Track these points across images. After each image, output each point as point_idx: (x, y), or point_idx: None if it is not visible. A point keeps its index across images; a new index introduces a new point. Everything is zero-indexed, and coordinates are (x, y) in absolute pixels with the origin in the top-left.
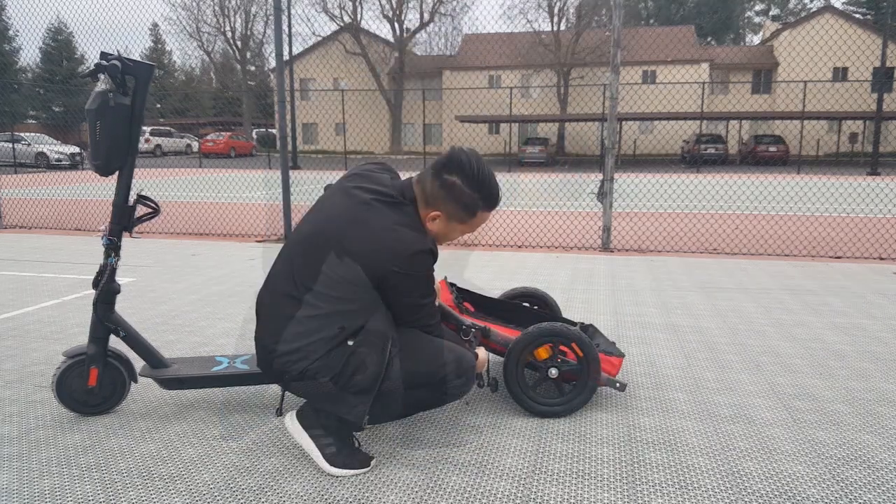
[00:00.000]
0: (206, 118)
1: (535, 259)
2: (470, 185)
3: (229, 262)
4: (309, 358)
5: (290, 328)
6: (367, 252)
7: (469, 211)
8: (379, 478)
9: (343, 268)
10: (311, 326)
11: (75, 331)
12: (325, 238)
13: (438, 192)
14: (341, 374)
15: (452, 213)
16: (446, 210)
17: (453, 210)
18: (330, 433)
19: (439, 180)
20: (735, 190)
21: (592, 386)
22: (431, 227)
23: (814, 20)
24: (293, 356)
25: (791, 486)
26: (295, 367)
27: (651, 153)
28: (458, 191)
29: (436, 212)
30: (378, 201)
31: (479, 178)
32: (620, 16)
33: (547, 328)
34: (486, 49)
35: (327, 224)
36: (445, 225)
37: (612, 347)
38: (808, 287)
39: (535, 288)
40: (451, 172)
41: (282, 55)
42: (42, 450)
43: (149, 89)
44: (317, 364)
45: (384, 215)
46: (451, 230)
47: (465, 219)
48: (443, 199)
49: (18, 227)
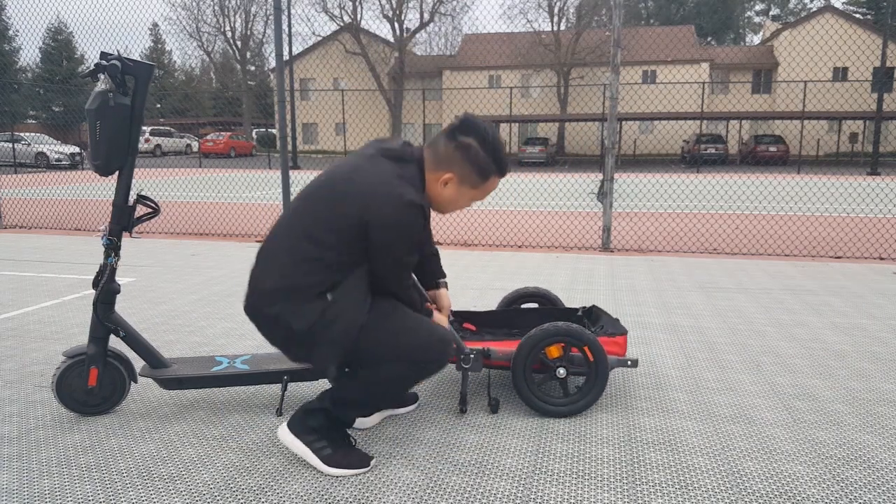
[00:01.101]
0: (206, 118)
1: (535, 259)
2: (485, 148)
3: (229, 262)
4: (289, 300)
5: (281, 266)
6: (360, 195)
7: (482, 174)
8: (379, 478)
9: (337, 214)
10: (300, 269)
11: (75, 331)
12: (329, 185)
13: (453, 154)
14: (316, 324)
15: (465, 175)
16: (460, 172)
17: (467, 172)
18: (322, 435)
19: (454, 142)
20: (735, 190)
21: (599, 390)
22: (442, 191)
23: (814, 20)
24: (276, 296)
25: (791, 486)
26: (274, 308)
27: (651, 153)
28: (473, 152)
29: (448, 174)
30: (382, 155)
31: (493, 144)
32: (620, 16)
33: (563, 327)
34: (486, 49)
35: (332, 174)
36: (456, 189)
37: (615, 326)
38: (808, 287)
39: (537, 287)
40: (467, 135)
41: (282, 55)
42: (42, 450)
43: (149, 89)
44: (294, 309)
45: (384, 167)
46: (461, 195)
47: (476, 183)
48: (458, 160)
49: (18, 227)
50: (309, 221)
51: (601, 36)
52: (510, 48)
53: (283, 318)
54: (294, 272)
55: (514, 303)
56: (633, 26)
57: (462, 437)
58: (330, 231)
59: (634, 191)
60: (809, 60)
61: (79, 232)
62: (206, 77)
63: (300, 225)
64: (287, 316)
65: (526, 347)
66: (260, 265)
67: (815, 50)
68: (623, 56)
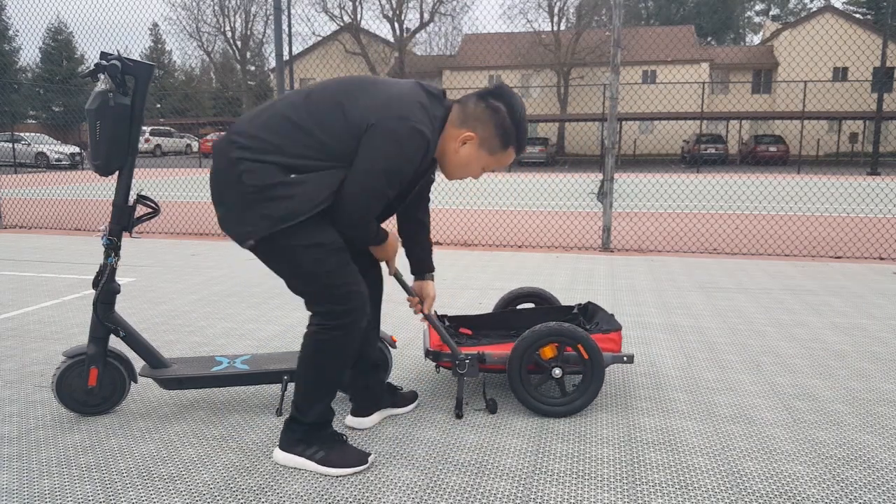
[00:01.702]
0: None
1: (535, 259)
2: (512, 116)
3: (229, 262)
4: (255, 153)
5: (267, 120)
6: (380, 97)
7: (503, 141)
8: (379, 478)
9: (349, 105)
10: (282, 131)
11: (75, 331)
12: (357, 82)
13: (482, 113)
14: (263, 189)
15: (487, 137)
16: (482, 133)
17: (489, 135)
18: (311, 442)
19: (485, 102)
20: (735, 190)
21: (595, 388)
22: (458, 149)
23: (814, 20)
24: (245, 142)
25: (791, 486)
26: (235, 153)
27: (651, 153)
28: (500, 116)
29: (469, 133)
30: (417, 83)
31: (520, 115)
32: (620, 16)
33: (554, 327)
34: (486, 49)
35: (365, 77)
36: (475, 150)
37: (610, 323)
38: (808, 287)
39: (533, 287)
40: (499, 99)
41: (282, 55)
42: (42, 450)
43: (149, 89)
44: (253, 164)
45: (414, 92)
46: (476, 158)
47: (495, 149)
48: (483, 120)
49: (18, 227)
50: (317, 99)
51: (601, 36)
52: (510, 48)
53: (239, 166)
54: (275, 131)
55: (511, 304)
56: (633, 26)
57: (462, 437)
58: (332, 116)
59: (634, 191)
60: (809, 60)
61: (79, 232)
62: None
63: (306, 101)
64: (245, 165)
65: (520, 350)
66: (249, 116)
67: (815, 50)
68: (623, 56)
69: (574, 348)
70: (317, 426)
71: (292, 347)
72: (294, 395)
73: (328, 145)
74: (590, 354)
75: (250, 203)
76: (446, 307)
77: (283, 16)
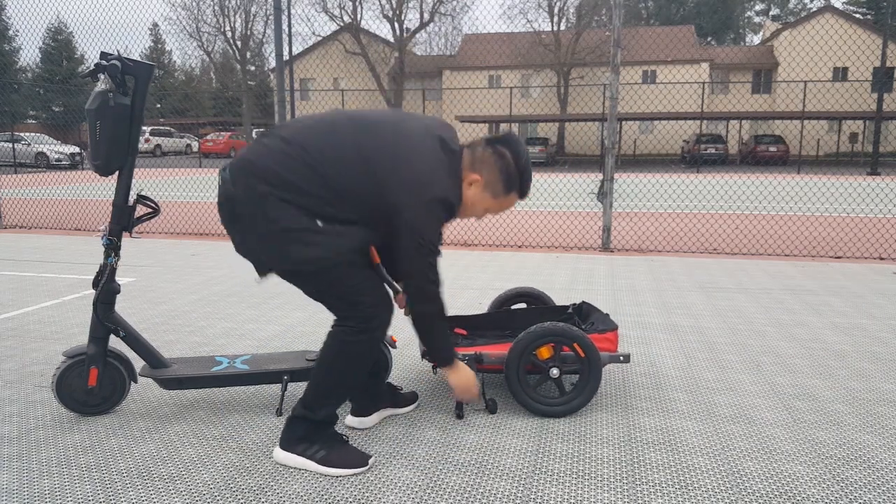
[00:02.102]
0: (206, 118)
1: (535, 259)
2: (517, 163)
3: (229, 262)
4: (284, 192)
5: (292, 165)
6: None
7: (507, 186)
8: (379, 478)
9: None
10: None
11: (75, 331)
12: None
13: (489, 158)
14: (290, 231)
15: (491, 182)
16: (487, 177)
17: (494, 179)
18: (313, 441)
19: (492, 148)
20: (735, 190)
21: (593, 387)
22: (465, 192)
23: (814, 20)
24: (273, 179)
25: (791, 486)
26: (263, 187)
27: (651, 153)
28: (506, 162)
29: (476, 175)
30: (440, 144)
31: (525, 164)
32: (620, 16)
33: (549, 328)
34: (486, 49)
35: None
36: (479, 193)
37: (605, 322)
38: (808, 287)
39: (527, 287)
40: (506, 146)
41: (282, 55)
42: (42, 450)
43: (149, 89)
44: (282, 203)
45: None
46: (480, 200)
47: (499, 193)
48: (489, 165)
49: (18, 227)
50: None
51: (601, 36)
52: (510, 48)
53: (267, 202)
54: (304, 179)
55: (505, 304)
56: (633, 26)
57: (462, 437)
58: (360, 181)
59: (634, 191)
60: (809, 60)
61: (79, 232)
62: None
63: (330, 147)
64: (271, 202)
65: (516, 351)
66: (269, 144)
67: (815, 50)
68: (623, 56)
69: (570, 348)
70: (322, 425)
71: (292, 347)
72: (306, 391)
73: (356, 207)
74: (586, 353)
75: (275, 239)
76: (446, 307)
77: (283, 16)
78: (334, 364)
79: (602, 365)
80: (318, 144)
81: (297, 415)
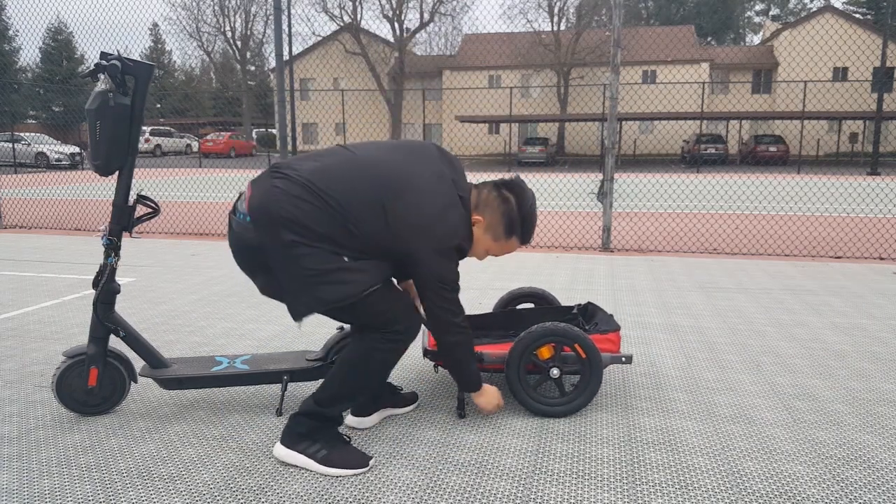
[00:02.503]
0: (206, 118)
1: (535, 259)
2: (521, 210)
3: (229, 262)
4: (309, 239)
5: (312, 209)
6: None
7: (508, 230)
8: (379, 478)
9: (381, 220)
10: (327, 222)
11: (75, 331)
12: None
13: (493, 202)
14: (322, 273)
15: (493, 224)
16: (490, 219)
17: (496, 222)
18: (315, 439)
19: (497, 192)
20: (735, 190)
21: (594, 387)
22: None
23: (814, 20)
24: (297, 227)
25: (791, 486)
26: (289, 236)
27: (651, 153)
28: (509, 207)
29: (478, 217)
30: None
31: (529, 211)
32: (620, 16)
33: (549, 328)
34: (486, 49)
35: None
36: (480, 234)
37: (608, 323)
38: (808, 287)
39: (532, 287)
40: (511, 191)
41: (282, 55)
42: (42, 450)
43: (149, 89)
44: (310, 248)
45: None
46: (481, 242)
47: (499, 236)
48: (493, 208)
49: (18, 227)
50: (352, 212)
51: (601, 36)
52: (510, 48)
53: (296, 249)
54: (322, 223)
55: (510, 304)
56: (633, 26)
57: (462, 437)
58: (375, 224)
59: (634, 191)
60: (809, 60)
61: (79, 232)
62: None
63: (341, 203)
64: (301, 249)
65: (517, 352)
66: (284, 189)
67: (815, 50)
68: (623, 56)
69: (571, 348)
70: (326, 424)
71: (292, 347)
72: (321, 389)
73: (376, 248)
74: (587, 353)
75: (306, 283)
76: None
77: (283, 16)
78: (359, 367)
79: (603, 366)
80: (335, 190)
81: (304, 411)
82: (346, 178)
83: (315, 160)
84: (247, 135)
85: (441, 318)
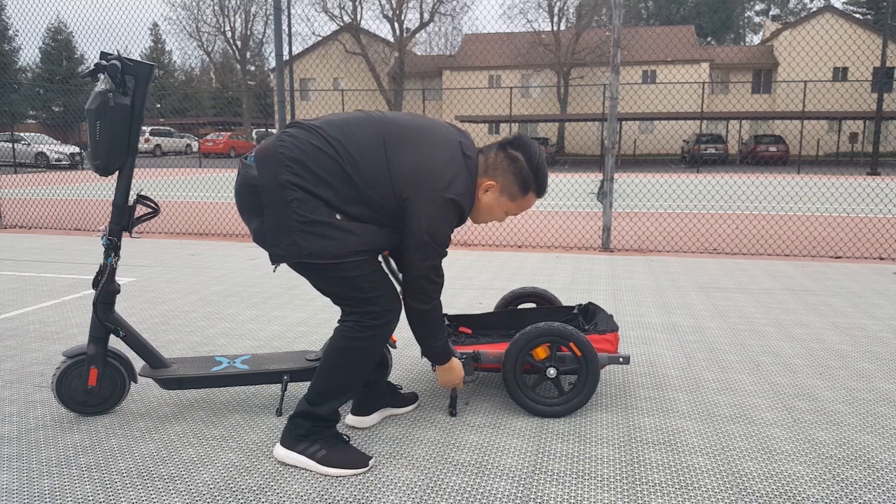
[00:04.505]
0: (206, 118)
1: (535, 259)
2: (531, 165)
3: (229, 262)
4: (305, 182)
5: (313, 157)
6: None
7: (523, 188)
8: (379, 478)
9: (383, 167)
10: (332, 170)
11: (75, 331)
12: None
13: (501, 163)
14: (307, 222)
15: (507, 185)
16: (502, 181)
17: (509, 183)
18: (313, 439)
19: (504, 152)
20: (735, 190)
21: (591, 386)
22: (481, 198)
23: (814, 20)
24: (298, 168)
25: (791, 486)
26: (286, 176)
27: (651, 153)
28: (519, 165)
29: (491, 181)
30: (462, 146)
31: (538, 163)
32: (620, 16)
33: (544, 328)
34: (486, 49)
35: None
36: (496, 197)
37: (607, 323)
38: (808, 287)
39: (534, 287)
40: (517, 149)
41: (282, 55)
42: (42, 450)
43: (149, 89)
44: (304, 194)
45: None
46: (498, 204)
47: (515, 195)
48: (503, 170)
49: (18, 227)
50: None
51: (601, 36)
52: (510, 48)
53: (289, 191)
54: (327, 171)
55: (511, 303)
56: (633, 26)
57: (462, 437)
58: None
59: (634, 191)
60: (809, 60)
61: (79, 232)
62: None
63: (349, 151)
64: (294, 192)
65: (513, 352)
66: (296, 140)
67: (815, 50)
68: (623, 56)
69: (567, 347)
70: (324, 423)
71: (292, 347)
72: (310, 387)
73: (373, 199)
74: (583, 352)
75: (290, 228)
76: (446, 307)
77: (283, 16)
78: (339, 360)
79: (601, 365)
80: (345, 139)
81: (299, 411)
82: (354, 123)
83: (334, 117)
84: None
85: (420, 283)
